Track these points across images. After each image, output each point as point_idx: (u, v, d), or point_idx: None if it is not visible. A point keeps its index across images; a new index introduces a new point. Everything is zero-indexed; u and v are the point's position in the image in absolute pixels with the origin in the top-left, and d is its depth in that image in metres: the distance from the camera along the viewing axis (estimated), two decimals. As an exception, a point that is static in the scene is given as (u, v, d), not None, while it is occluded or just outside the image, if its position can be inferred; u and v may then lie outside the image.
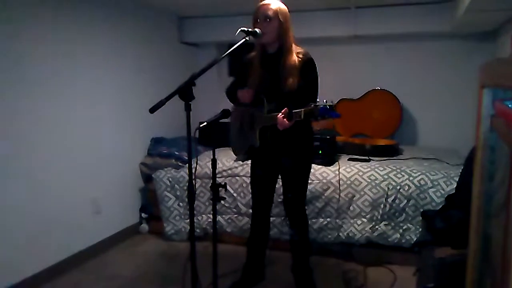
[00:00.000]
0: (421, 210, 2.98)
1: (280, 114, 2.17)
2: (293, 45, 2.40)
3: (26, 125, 2.78)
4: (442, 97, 4.14)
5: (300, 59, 2.36)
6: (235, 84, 2.65)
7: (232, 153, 2.84)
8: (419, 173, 3.14)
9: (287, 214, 2.69)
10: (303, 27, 3.77)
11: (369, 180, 3.18)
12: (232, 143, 2.79)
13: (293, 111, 2.13)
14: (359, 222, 3.20)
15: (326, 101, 2.06)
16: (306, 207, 3.22)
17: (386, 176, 3.17)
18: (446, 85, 4.12)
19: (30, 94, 2.79)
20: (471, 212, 1.38)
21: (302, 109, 2.09)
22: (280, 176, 2.65)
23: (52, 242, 2.99)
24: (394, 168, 3.21)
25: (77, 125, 3.17)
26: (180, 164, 3.71)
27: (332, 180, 3.22)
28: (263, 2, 2.36)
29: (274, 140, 2.42)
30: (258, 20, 2.31)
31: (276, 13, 2.31)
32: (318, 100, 2.11)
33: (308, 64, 2.38)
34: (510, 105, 1.05)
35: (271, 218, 3.21)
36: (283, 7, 2.36)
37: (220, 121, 2.26)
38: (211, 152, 2.24)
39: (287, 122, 2.15)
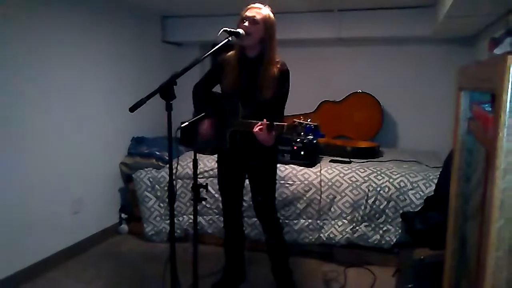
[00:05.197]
0: (401, 211, 3.02)
1: (257, 127, 2.16)
2: (275, 56, 2.38)
3: (7, 124, 2.72)
4: (423, 100, 4.20)
5: (278, 69, 2.36)
6: (206, 82, 2.60)
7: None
8: (399, 175, 3.18)
9: (258, 218, 2.67)
10: (286, 28, 3.78)
11: (350, 182, 3.20)
12: (196, 141, 2.72)
13: (275, 123, 2.12)
14: (339, 223, 3.21)
15: (310, 120, 2.05)
16: (287, 208, 3.26)
17: (366, 178, 3.19)
18: (426, 88, 4.18)
19: (10, 95, 2.73)
20: (449, 213, 1.40)
21: (285, 124, 2.08)
22: (248, 180, 2.64)
23: (31, 242, 2.93)
24: (375, 170, 3.25)
25: (57, 124, 3.11)
26: (161, 164, 3.68)
27: (313, 182, 3.24)
28: (253, 5, 2.35)
29: (243, 143, 2.42)
30: (245, 20, 2.30)
31: (264, 18, 2.30)
32: (301, 118, 2.10)
33: (284, 76, 2.38)
34: (486, 108, 1.06)
35: (252, 219, 3.22)
36: (271, 15, 2.35)
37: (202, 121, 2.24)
38: (193, 152, 2.22)
39: (267, 135, 2.14)
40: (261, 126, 2.16)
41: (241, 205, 2.75)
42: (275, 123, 2.13)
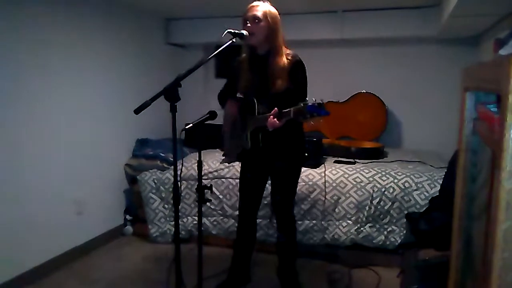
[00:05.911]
0: (406, 212, 3.01)
1: (270, 114, 2.18)
2: (283, 47, 2.40)
3: (10, 125, 2.74)
4: (427, 100, 4.19)
5: (289, 61, 2.36)
6: (227, 88, 2.66)
7: (219, 155, 2.82)
8: (403, 175, 3.17)
9: (276, 216, 2.68)
10: (290, 29, 3.77)
11: (355, 183, 3.20)
12: (225, 145, 2.78)
13: (283, 110, 2.14)
14: (344, 224, 3.21)
15: (315, 99, 2.04)
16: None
17: (371, 179, 3.19)
18: (431, 89, 4.17)
19: (14, 96, 2.75)
20: (454, 214, 1.40)
21: (292, 108, 2.09)
22: (269, 179, 2.65)
23: (35, 244, 2.94)
24: (379, 170, 3.24)
25: (61, 126, 3.12)
26: (165, 165, 3.68)
27: (318, 182, 3.23)
28: (252, 4, 2.36)
29: (265, 143, 2.42)
30: (247, 21, 2.31)
31: (265, 15, 2.31)
32: (307, 99, 2.10)
33: (297, 66, 2.38)
34: (492, 109, 1.06)
35: (257, 220, 3.22)
36: (272, 9, 2.37)
37: (206, 122, 2.25)
38: (197, 153, 2.23)
39: (277, 122, 2.15)
40: (273, 116, 2.17)
41: (258, 208, 2.76)
42: (283, 110, 2.14)
